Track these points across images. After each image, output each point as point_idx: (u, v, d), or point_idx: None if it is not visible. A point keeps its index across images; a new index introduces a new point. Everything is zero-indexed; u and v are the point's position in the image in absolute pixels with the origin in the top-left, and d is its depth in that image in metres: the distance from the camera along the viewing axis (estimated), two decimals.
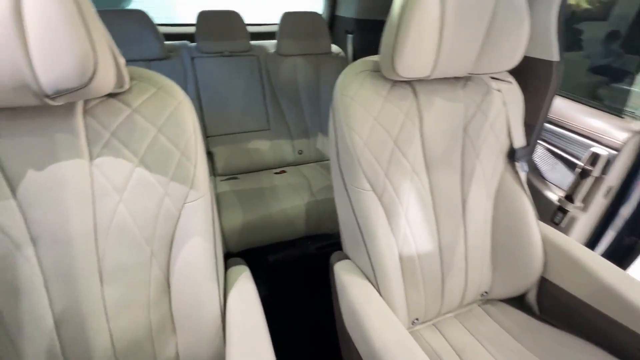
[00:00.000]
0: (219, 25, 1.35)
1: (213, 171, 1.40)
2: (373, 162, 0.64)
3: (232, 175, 1.39)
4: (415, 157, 0.68)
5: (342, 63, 1.55)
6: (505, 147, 0.76)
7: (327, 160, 1.55)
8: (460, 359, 0.69)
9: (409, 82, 0.67)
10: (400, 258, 0.69)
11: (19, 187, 0.48)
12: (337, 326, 0.79)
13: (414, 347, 0.54)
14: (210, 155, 1.40)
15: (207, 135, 1.41)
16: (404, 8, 0.54)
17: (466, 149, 0.73)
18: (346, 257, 0.74)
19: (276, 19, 1.49)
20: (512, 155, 0.76)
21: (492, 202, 0.78)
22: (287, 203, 1.14)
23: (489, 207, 0.78)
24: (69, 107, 0.48)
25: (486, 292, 0.81)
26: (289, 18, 1.42)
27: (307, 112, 1.51)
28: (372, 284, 0.67)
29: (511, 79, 0.77)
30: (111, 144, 0.51)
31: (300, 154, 1.50)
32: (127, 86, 0.51)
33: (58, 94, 0.40)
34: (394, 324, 0.58)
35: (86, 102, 0.50)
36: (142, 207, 0.53)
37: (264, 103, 1.47)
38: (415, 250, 0.70)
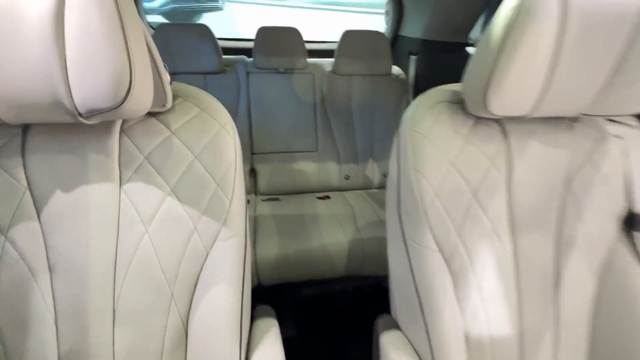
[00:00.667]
0: (278, 42, 1.32)
1: (255, 189, 1.36)
2: (444, 216, 0.51)
3: (273, 195, 1.33)
4: (499, 214, 0.54)
5: (402, 86, 1.44)
6: (620, 211, 0.59)
7: (375, 188, 1.43)
8: None
9: (498, 120, 0.54)
10: (467, 339, 0.55)
11: (44, 208, 0.44)
12: None
13: None
14: (253, 172, 1.37)
15: (252, 152, 1.38)
16: (509, 29, 0.42)
17: (567, 209, 0.57)
18: (396, 326, 0.61)
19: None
20: (630, 221, 0.58)
21: (597, 280, 0.60)
22: (329, 238, 1.04)
23: (591, 286, 0.60)
24: (107, 126, 0.45)
25: None
26: (350, 36, 1.35)
27: (359, 136, 1.42)
28: None
29: (634, 121, 0.59)
30: (143, 169, 0.46)
31: (347, 179, 1.40)
32: (169, 105, 0.47)
33: (90, 113, 0.36)
34: None
35: (124, 121, 0.46)
36: (168, 242, 0.48)
37: (314, 123, 1.41)
38: (487, 332, 0.55)
